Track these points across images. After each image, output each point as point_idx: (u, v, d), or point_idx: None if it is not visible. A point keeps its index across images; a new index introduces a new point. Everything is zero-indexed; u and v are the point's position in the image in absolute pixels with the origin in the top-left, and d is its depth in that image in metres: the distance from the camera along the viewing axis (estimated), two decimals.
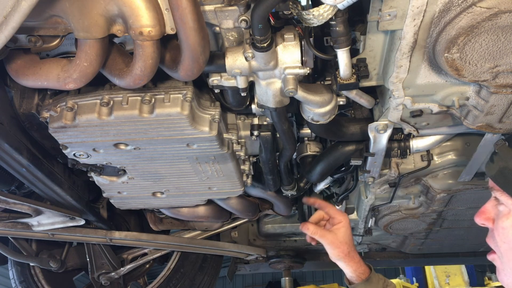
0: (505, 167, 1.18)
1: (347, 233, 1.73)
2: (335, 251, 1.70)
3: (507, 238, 1.17)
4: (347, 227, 1.75)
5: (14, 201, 1.92)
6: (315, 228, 1.74)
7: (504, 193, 1.18)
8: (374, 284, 1.66)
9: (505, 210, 1.19)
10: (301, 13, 1.17)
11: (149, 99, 1.45)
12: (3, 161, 1.60)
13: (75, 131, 1.51)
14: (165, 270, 2.87)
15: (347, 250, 1.70)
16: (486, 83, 1.30)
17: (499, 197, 1.20)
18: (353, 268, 1.68)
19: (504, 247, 1.19)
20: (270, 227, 3.13)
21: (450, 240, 2.99)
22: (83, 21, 1.11)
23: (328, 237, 1.72)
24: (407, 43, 1.23)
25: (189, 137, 1.56)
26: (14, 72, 1.29)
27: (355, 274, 1.68)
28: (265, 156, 1.82)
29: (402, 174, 1.99)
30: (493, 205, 1.25)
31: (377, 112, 1.65)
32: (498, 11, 1.08)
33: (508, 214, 1.17)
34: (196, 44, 1.16)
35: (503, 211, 1.19)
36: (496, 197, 1.23)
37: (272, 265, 3.31)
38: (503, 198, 1.19)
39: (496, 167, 1.21)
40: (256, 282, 12.70)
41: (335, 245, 1.70)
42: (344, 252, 1.69)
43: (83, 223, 2.25)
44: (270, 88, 1.43)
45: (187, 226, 2.76)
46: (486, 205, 1.27)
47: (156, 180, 1.89)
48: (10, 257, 2.58)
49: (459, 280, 8.19)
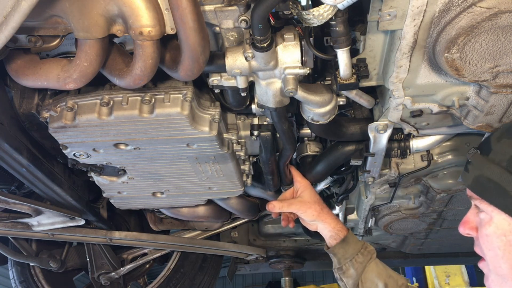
0: (480, 175, 1.20)
1: (312, 193, 1.75)
2: (307, 213, 1.70)
3: (492, 245, 1.17)
4: (310, 189, 1.77)
5: (14, 201, 1.92)
6: (279, 203, 1.75)
7: (483, 200, 1.19)
8: (352, 244, 1.66)
9: (486, 217, 1.19)
10: (301, 13, 1.17)
11: (149, 99, 1.45)
12: (3, 161, 1.60)
13: (75, 131, 1.51)
14: (165, 270, 2.87)
15: (319, 208, 1.70)
16: (486, 83, 1.30)
17: (479, 205, 1.21)
18: (332, 225, 1.68)
19: (490, 254, 1.19)
20: (270, 227, 3.13)
21: (450, 240, 2.99)
22: (83, 21, 1.11)
23: (295, 203, 1.73)
24: (407, 43, 1.23)
25: (189, 137, 1.56)
26: (14, 72, 1.29)
27: (334, 232, 1.68)
28: (265, 156, 1.82)
29: (402, 174, 1.99)
30: (474, 213, 1.26)
31: (377, 112, 1.65)
32: (498, 11, 1.08)
33: (490, 221, 1.18)
34: (196, 44, 1.16)
35: (484, 219, 1.20)
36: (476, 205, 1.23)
37: (272, 265, 3.31)
38: (482, 205, 1.20)
39: (472, 176, 1.23)
40: (256, 282, 12.70)
41: (305, 207, 1.71)
42: (317, 210, 1.70)
43: (83, 223, 2.25)
44: (270, 88, 1.43)
45: (187, 226, 2.76)
46: (468, 215, 1.28)
47: (156, 180, 1.89)
48: (10, 257, 2.57)
49: (459, 280, 8.20)
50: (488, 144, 1.23)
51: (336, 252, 1.67)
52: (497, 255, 1.17)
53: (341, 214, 2.56)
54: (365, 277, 1.64)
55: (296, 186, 1.80)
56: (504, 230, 1.15)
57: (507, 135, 1.19)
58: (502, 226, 1.15)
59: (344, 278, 1.68)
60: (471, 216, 1.27)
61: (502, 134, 1.21)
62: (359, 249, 1.66)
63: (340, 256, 1.66)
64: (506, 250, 1.14)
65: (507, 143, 1.17)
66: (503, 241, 1.15)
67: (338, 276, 1.71)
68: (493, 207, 1.16)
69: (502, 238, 1.15)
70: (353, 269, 1.65)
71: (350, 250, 1.65)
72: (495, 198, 1.15)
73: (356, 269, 1.64)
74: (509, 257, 1.14)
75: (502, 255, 1.15)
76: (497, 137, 1.22)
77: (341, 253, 1.66)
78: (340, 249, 1.66)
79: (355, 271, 1.65)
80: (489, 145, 1.21)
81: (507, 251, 1.14)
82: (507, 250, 1.14)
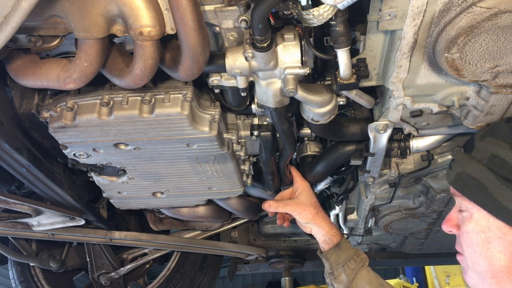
0: (462, 172, 1.21)
1: (309, 195, 1.75)
2: (302, 215, 1.70)
3: (471, 242, 1.18)
4: (308, 191, 1.76)
5: (14, 201, 1.91)
6: (275, 203, 1.75)
7: (464, 197, 1.20)
8: (344, 250, 1.66)
9: (467, 214, 1.20)
10: (301, 13, 1.17)
11: (149, 99, 1.45)
12: (3, 161, 1.60)
13: (75, 131, 1.51)
14: (165, 270, 2.87)
15: (314, 211, 1.70)
16: (486, 83, 1.30)
17: (460, 203, 1.23)
18: (326, 229, 1.68)
19: (468, 251, 1.20)
20: (270, 227, 3.13)
21: (450, 240, 2.97)
22: (83, 21, 1.11)
23: (291, 204, 1.73)
24: (407, 43, 1.23)
25: (189, 137, 1.56)
26: (14, 72, 1.29)
27: (328, 237, 1.68)
28: (265, 156, 1.82)
29: (402, 174, 2.00)
30: (457, 211, 1.27)
31: (377, 112, 1.65)
32: (498, 11, 1.08)
33: (470, 218, 1.18)
34: (196, 44, 1.16)
35: (465, 216, 1.21)
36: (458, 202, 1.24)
37: (272, 265, 3.31)
38: (464, 203, 1.21)
39: (454, 173, 1.25)
40: (256, 282, 12.71)
41: (300, 209, 1.70)
42: (312, 213, 1.69)
43: (83, 223, 2.25)
44: (270, 88, 1.43)
45: (187, 226, 2.76)
46: (451, 213, 1.30)
47: (156, 180, 1.89)
48: (10, 257, 2.57)
49: (459, 280, 8.21)
50: (472, 142, 1.24)
51: (328, 257, 1.67)
52: (475, 251, 1.17)
53: (341, 214, 2.57)
54: (356, 284, 1.65)
55: (295, 186, 1.80)
56: (482, 227, 1.15)
57: (490, 133, 1.21)
58: (481, 223, 1.16)
59: (335, 284, 1.69)
60: (454, 214, 1.28)
61: (486, 133, 1.23)
62: (352, 256, 1.66)
63: (332, 261, 1.67)
64: (484, 247, 1.15)
65: (489, 141, 1.19)
66: (481, 238, 1.15)
67: (329, 281, 1.71)
68: (473, 204, 1.17)
69: (481, 235, 1.15)
70: (344, 275, 1.65)
71: (343, 256, 1.65)
72: (475, 195, 1.16)
73: (347, 275, 1.65)
74: (487, 254, 1.15)
75: (480, 251, 1.16)
76: (480, 135, 1.24)
77: (334, 258, 1.66)
78: (333, 254, 1.66)
79: (346, 277, 1.65)
80: (473, 143, 1.23)
81: (485, 248, 1.15)
82: (485, 247, 1.15)
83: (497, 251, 1.13)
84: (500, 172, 1.12)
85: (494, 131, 1.21)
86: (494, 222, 1.13)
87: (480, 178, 1.15)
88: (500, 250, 1.13)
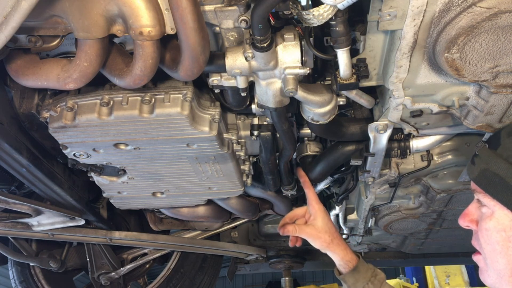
0: (486, 168, 1.19)
1: (324, 221, 1.72)
2: (317, 242, 1.69)
3: (491, 239, 1.18)
4: (323, 216, 1.74)
5: (14, 201, 1.92)
6: (292, 227, 1.74)
7: (486, 194, 1.19)
8: (362, 273, 1.65)
9: (488, 211, 1.19)
10: (301, 13, 1.17)
11: (149, 99, 1.44)
12: (3, 161, 1.60)
13: (75, 131, 1.51)
14: (165, 270, 2.87)
15: (330, 239, 1.68)
16: (486, 83, 1.30)
17: (482, 199, 1.21)
18: (340, 256, 1.67)
19: (488, 248, 1.19)
20: (270, 227, 3.14)
21: (450, 240, 2.99)
22: (83, 21, 1.11)
23: (307, 231, 1.71)
24: (407, 43, 1.23)
25: (189, 137, 1.56)
26: (14, 72, 1.29)
27: (343, 262, 1.67)
28: (265, 156, 1.82)
29: (402, 174, 2.00)
30: (476, 207, 1.26)
31: (377, 112, 1.65)
32: (498, 11, 1.08)
33: (491, 215, 1.18)
34: (196, 44, 1.16)
35: (486, 213, 1.20)
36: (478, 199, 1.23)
37: (272, 265, 3.32)
38: (485, 200, 1.20)
39: (478, 169, 1.23)
40: (256, 282, 12.70)
41: (315, 237, 1.69)
42: (327, 241, 1.68)
43: (83, 223, 2.25)
44: (270, 88, 1.43)
45: (187, 226, 2.76)
46: (469, 207, 1.28)
47: (156, 180, 1.89)
48: (10, 257, 2.58)
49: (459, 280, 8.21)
50: (497, 138, 1.22)
51: (346, 280, 1.67)
52: (495, 249, 1.17)
53: (341, 214, 2.57)
54: None
55: (310, 209, 1.77)
56: (504, 226, 1.15)
57: None
58: (503, 221, 1.15)
59: None
60: (472, 209, 1.27)
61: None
62: (369, 278, 1.65)
63: (350, 284, 1.66)
64: (505, 246, 1.15)
65: None
66: (502, 236, 1.15)
67: None
68: (495, 202, 1.17)
69: (502, 233, 1.15)
70: None
71: (360, 279, 1.64)
72: (499, 193, 1.15)
73: None
74: (507, 253, 1.15)
75: (500, 250, 1.16)
76: (507, 132, 1.21)
77: (351, 281, 1.65)
78: (350, 278, 1.65)
79: None
80: (499, 140, 1.21)
81: (505, 247, 1.15)
82: (505, 245, 1.15)
83: None
84: None
85: None
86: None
87: (506, 177, 1.14)
88: None
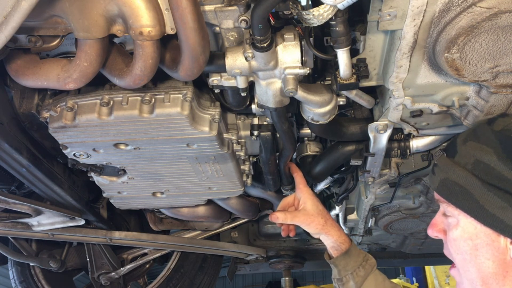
0: (446, 178, 1.18)
1: (314, 204, 1.71)
2: (311, 226, 1.68)
3: (460, 249, 1.16)
4: (312, 198, 1.73)
5: (14, 201, 1.92)
6: (283, 215, 1.73)
7: (450, 204, 1.17)
8: (353, 257, 1.64)
9: (453, 221, 1.18)
10: (301, 13, 1.17)
11: (149, 99, 1.45)
12: (3, 161, 1.60)
13: (75, 131, 1.51)
14: (165, 270, 2.87)
15: (323, 220, 1.68)
16: (486, 83, 1.30)
17: (446, 209, 1.20)
18: (335, 237, 1.66)
19: (458, 258, 1.18)
20: (270, 227, 3.14)
21: None
22: (83, 21, 1.11)
23: (299, 216, 1.70)
24: (407, 43, 1.23)
25: (189, 137, 1.56)
26: (14, 72, 1.29)
27: (337, 244, 1.66)
28: (265, 156, 1.82)
29: (402, 174, 2.00)
30: (442, 216, 1.24)
31: (377, 112, 1.65)
32: (498, 11, 1.08)
33: (457, 225, 1.16)
34: (196, 44, 1.16)
35: (451, 223, 1.18)
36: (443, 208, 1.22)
37: (272, 265, 3.31)
38: (449, 209, 1.18)
39: (438, 179, 1.21)
40: (256, 282, 12.71)
41: (309, 220, 1.68)
42: (320, 223, 1.67)
43: (83, 223, 2.25)
44: (270, 88, 1.43)
45: (187, 226, 2.76)
46: (436, 217, 1.27)
47: (156, 180, 1.89)
48: (10, 257, 2.58)
49: None
50: (454, 146, 1.20)
51: (337, 263, 1.66)
52: (465, 259, 1.15)
53: (341, 214, 2.57)
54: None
55: (298, 194, 1.77)
56: (470, 234, 1.13)
57: (473, 137, 1.16)
58: (469, 229, 1.13)
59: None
60: (439, 219, 1.26)
61: (468, 136, 1.18)
62: (361, 262, 1.64)
63: (341, 267, 1.65)
64: (473, 254, 1.13)
65: (472, 145, 1.15)
66: (469, 245, 1.13)
67: (337, 286, 1.70)
68: (459, 211, 1.15)
69: (469, 242, 1.13)
70: (353, 282, 1.64)
71: (351, 262, 1.64)
72: (461, 202, 1.13)
73: (356, 282, 1.63)
74: (476, 262, 1.13)
75: (469, 259, 1.14)
76: (463, 139, 1.19)
77: (342, 265, 1.65)
78: (341, 261, 1.65)
79: (355, 284, 1.64)
80: (455, 147, 1.19)
81: (473, 255, 1.13)
82: (473, 254, 1.13)
83: (486, 258, 1.11)
84: (485, 178, 1.09)
85: (476, 135, 1.16)
86: (482, 229, 1.11)
87: (465, 185, 1.12)
88: (488, 257, 1.11)
